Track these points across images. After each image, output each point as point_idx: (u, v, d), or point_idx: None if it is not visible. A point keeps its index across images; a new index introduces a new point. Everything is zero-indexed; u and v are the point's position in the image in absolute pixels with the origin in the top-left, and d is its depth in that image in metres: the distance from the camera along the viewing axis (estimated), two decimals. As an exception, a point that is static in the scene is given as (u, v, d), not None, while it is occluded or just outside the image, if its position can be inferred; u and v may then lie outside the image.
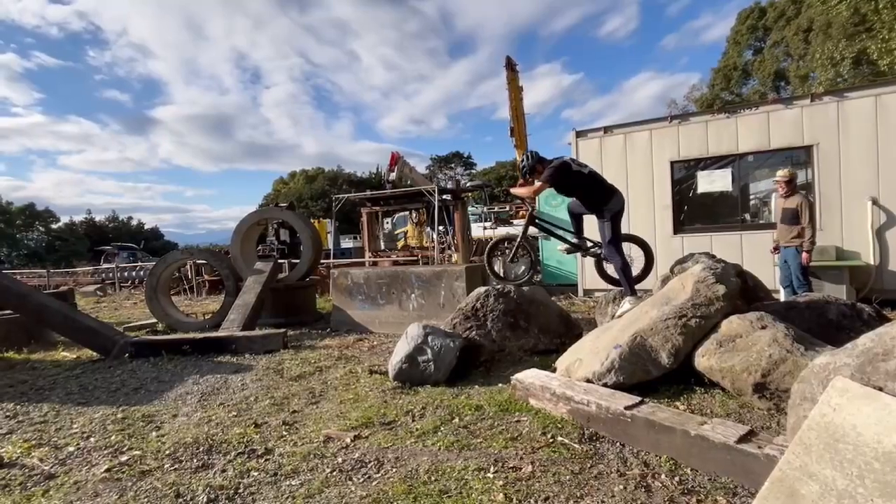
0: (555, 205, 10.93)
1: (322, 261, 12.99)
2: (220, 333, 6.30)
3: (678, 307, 3.71)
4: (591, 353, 3.87)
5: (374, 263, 11.99)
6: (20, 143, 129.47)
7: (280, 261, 11.28)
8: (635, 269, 5.12)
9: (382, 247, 14.45)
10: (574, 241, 5.25)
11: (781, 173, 6.16)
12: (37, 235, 54.77)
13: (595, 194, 4.71)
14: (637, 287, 4.93)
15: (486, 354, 4.76)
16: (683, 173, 8.80)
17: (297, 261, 9.21)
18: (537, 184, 4.84)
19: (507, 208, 21.59)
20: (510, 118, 24.33)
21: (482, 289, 5.33)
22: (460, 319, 5.15)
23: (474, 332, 4.97)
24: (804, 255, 5.98)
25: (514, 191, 4.99)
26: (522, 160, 4.90)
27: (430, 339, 4.44)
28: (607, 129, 9.38)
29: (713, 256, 4.80)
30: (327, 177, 63.45)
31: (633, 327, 3.79)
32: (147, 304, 8.20)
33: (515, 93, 23.88)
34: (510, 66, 23.95)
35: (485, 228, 14.13)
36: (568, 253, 5.37)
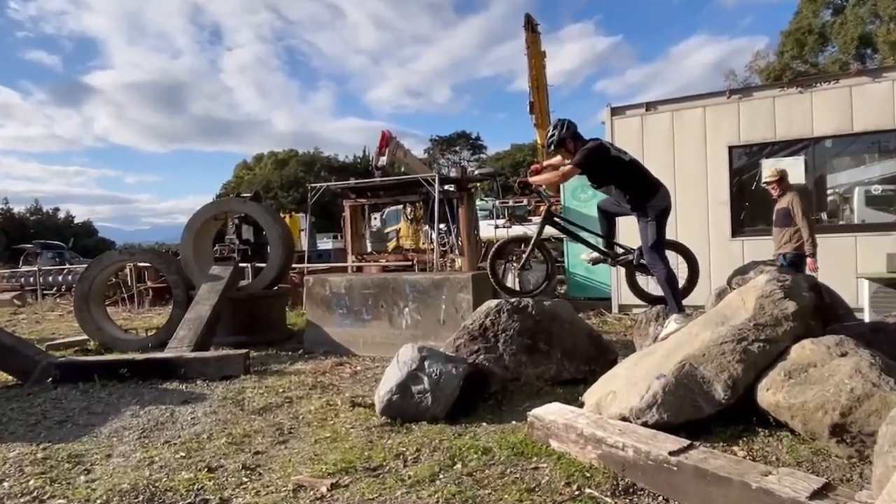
0: (584, 199, 10.95)
1: (294, 265, 13.02)
2: (167, 354, 6.32)
3: (737, 328, 3.71)
4: (627, 385, 3.87)
5: (359, 269, 12.01)
6: None
7: (242, 264, 11.34)
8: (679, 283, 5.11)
9: (369, 248, 14.49)
10: (602, 247, 5.26)
11: (768, 173, 6.49)
12: None
13: (637, 188, 4.71)
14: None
15: (497, 384, 4.76)
16: (745, 161, 8.81)
17: (263, 265, 9.26)
18: (566, 167, 4.83)
19: (525, 202, 21.62)
20: (529, 90, 24.40)
21: (493, 302, 5.34)
22: (465, 340, 5.15)
23: (482, 357, 4.97)
24: (808, 260, 6.08)
25: (534, 179, 4.99)
26: (552, 130, 4.87)
27: (427, 364, 4.44)
28: (650, 106, 9.41)
29: (781, 266, 4.80)
30: (301, 161, 63.62)
31: (680, 352, 3.79)
32: (76, 317, 8.24)
33: (536, 59, 23.96)
34: (530, 25, 24.05)
35: (496, 227, 14.13)
36: (593, 263, 5.37)
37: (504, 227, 14.40)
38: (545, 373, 4.98)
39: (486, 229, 15.03)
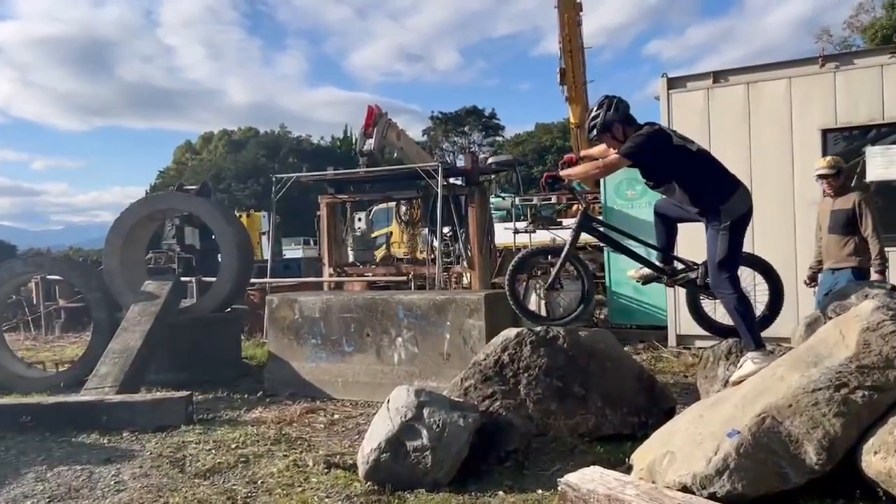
0: (631, 197, 10.96)
1: (253, 280, 13.06)
2: (84, 397, 6.35)
3: (834, 371, 3.69)
4: (689, 443, 3.84)
5: (338, 285, 12.04)
6: None
7: (184, 278, 11.37)
8: (756, 310, 5.11)
9: (351, 258, 14.51)
10: (657, 261, 5.24)
11: (823, 162, 6.51)
12: None
13: (708, 186, 4.70)
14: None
15: (518, 440, 4.75)
16: (843, 149, 8.80)
17: (213, 279, 9.27)
18: (611, 157, 4.83)
19: (553, 200, 21.60)
20: (560, 54, 24.45)
21: (512, 332, 5.34)
22: (477, 381, 5.16)
23: (498, 403, 4.97)
24: (877, 278, 6.08)
25: (568, 172, 4.98)
26: (595, 111, 4.87)
27: (426, 412, 4.44)
28: (719, 76, 9.43)
29: (894, 288, 4.79)
30: (263, 143, 63.90)
31: (759, 402, 3.77)
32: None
33: (569, 13, 24.04)
34: None
35: (516, 232, 14.11)
36: (644, 281, 5.36)
37: (526, 231, 14.38)
38: (581, 425, 4.97)
39: (503, 234, 15.01)
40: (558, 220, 17.36)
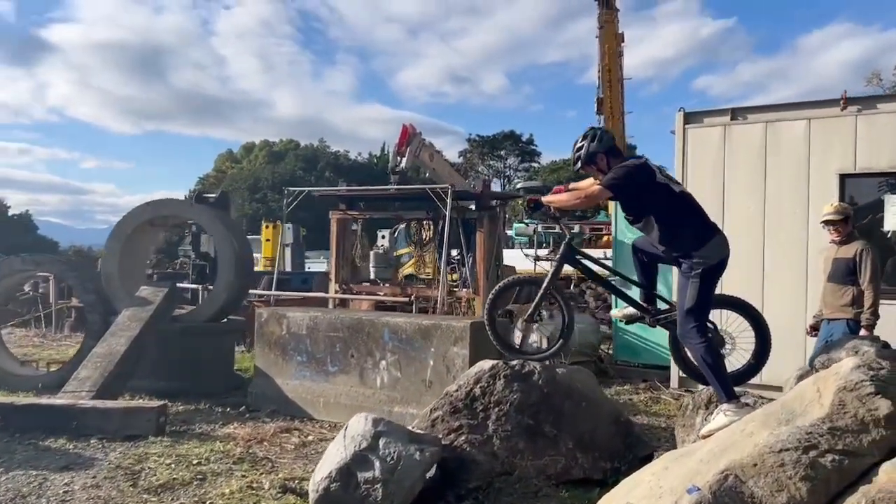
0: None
1: (261, 291, 13.02)
2: (57, 400, 6.28)
3: (805, 430, 3.45)
4: (648, 496, 3.64)
5: (342, 303, 11.92)
6: None
7: (195, 285, 11.31)
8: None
9: (372, 275, 14.40)
10: (640, 300, 5.04)
11: (830, 208, 6.33)
12: None
13: (684, 230, 4.52)
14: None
15: (480, 478, 4.59)
16: (861, 197, 8.50)
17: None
18: (594, 187, 4.68)
19: (577, 229, 21.36)
20: (598, 83, 24.33)
21: (487, 363, 5.16)
22: (445, 412, 4.99)
23: (464, 438, 4.79)
24: (864, 333, 5.86)
25: (549, 198, 4.83)
26: (580, 142, 4.77)
27: (382, 442, 4.30)
28: (737, 113, 9.18)
29: (886, 345, 4.52)
30: (302, 156, 64.56)
31: (724, 458, 3.54)
32: (-42, 342, 8.28)
33: (610, 43, 23.95)
34: None
35: (537, 259, 13.84)
36: (627, 322, 5.17)
37: (548, 259, 14.12)
38: (549, 467, 4.77)
39: (523, 261, 14.79)
40: (583, 248, 17.13)
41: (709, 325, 4.90)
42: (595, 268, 5.26)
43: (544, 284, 4.99)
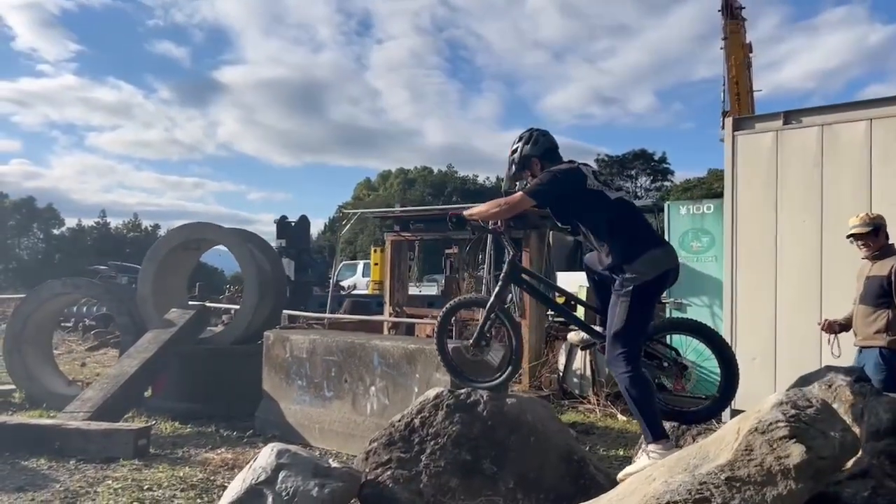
0: (696, 249, 9.93)
1: (319, 315, 13.09)
2: (43, 421, 6.43)
3: (700, 480, 2.90)
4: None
5: (395, 326, 11.76)
6: (43, 114, 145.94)
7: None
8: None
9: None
10: (597, 324, 4.49)
11: (856, 219, 5.60)
12: (33, 242, 63.52)
13: (617, 240, 3.99)
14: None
15: (401, 519, 4.19)
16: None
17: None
18: (515, 194, 4.26)
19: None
20: (723, 96, 23.16)
21: (432, 392, 4.77)
22: (381, 444, 4.63)
23: (390, 473, 4.41)
24: None
25: (469, 211, 4.43)
26: (514, 143, 4.37)
27: (282, 476, 4.02)
28: (790, 117, 8.31)
29: (863, 378, 3.79)
30: (431, 181, 65.97)
31: (614, 509, 3.05)
32: (4, 361, 8.71)
33: (737, 54, 22.77)
34: (729, 8, 22.97)
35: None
36: (582, 347, 4.65)
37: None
38: (483, 509, 4.30)
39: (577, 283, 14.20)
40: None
41: (663, 350, 4.34)
42: (541, 288, 4.78)
43: (487, 307, 4.57)
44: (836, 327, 5.81)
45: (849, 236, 5.64)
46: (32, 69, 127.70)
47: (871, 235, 5.49)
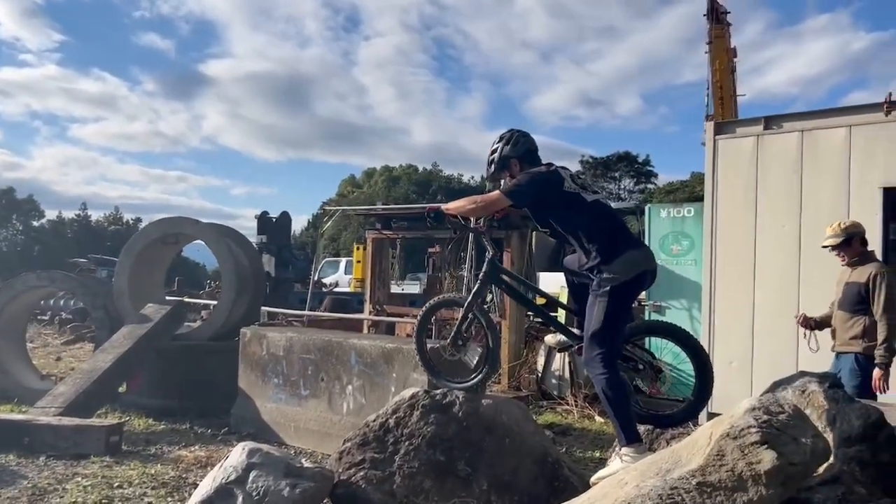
0: (676, 252, 9.98)
1: (296, 311, 13.01)
2: (12, 416, 6.35)
3: (671, 485, 2.89)
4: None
5: (374, 324, 11.70)
6: (25, 104, 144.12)
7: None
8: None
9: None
10: (574, 326, 4.48)
11: (829, 230, 5.65)
12: (12, 234, 62.64)
13: (595, 242, 3.99)
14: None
15: (373, 519, 4.16)
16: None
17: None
18: (493, 192, 4.25)
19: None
20: (707, 100, 23.28)
21: (408, 392, 4.75)
22: (355, 444, 4.60)
23: (363, 474, 4.38)
24: (875, 373, 5.19)
25: (448, 206, 4.41)
26: (494, 144, 4.36)
27: (252, 475, 3.98)
28: (771, 122, 8.36)
29: (836, 385, 3.80)
30: (416, 179, 65.83)
31: (585, 513, 3.03)
32: (-24, 354, 8.59)
33: (721, 58, 22.91)
34: (714, 13, 23.09)
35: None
36: (560, 349, 4.64)
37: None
38: (457, 511, 4.28)
39: (557, 284, 14.22)
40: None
41: (638, 353, 4.34)
42: (519, 288, 4.76)
43: (465, 306, 4.55)
44: (812, 323, 5.87)
45: (826, 244, 5.66)
46: (15, 59, 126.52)
47: (844, 245, 5.54)
